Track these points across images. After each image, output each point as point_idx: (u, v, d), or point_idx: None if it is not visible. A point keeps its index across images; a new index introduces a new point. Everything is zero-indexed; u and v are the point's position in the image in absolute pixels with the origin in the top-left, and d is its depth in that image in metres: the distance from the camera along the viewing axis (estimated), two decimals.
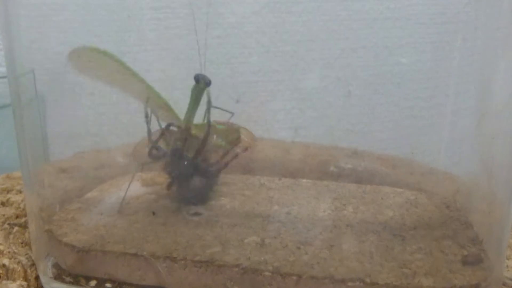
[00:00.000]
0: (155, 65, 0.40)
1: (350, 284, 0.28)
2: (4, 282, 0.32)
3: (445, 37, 0.39)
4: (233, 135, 0.37)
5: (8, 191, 0.44)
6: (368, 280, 0.29)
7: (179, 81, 0.38)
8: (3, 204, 0.42)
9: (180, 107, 0.37)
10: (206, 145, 0.36)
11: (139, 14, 0.39)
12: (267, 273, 0.29)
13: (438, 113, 0.40)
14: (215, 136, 0.37)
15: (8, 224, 0.39)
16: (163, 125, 0.37)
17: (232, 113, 0.38)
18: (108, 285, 0.32)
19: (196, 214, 0.36)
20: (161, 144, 0.37)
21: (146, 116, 0.36)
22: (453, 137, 0.39)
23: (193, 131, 0.37)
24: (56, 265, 0.33)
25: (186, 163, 0.36)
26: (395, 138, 0.43)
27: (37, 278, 0.34)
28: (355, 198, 0.38)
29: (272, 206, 0.37)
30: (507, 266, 0.35)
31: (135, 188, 0.38)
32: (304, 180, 0.42)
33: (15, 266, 0.33)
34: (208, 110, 0.36)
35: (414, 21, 0.41)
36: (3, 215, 0.40)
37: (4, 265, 0.33)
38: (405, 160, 0.43)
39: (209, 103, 0.36)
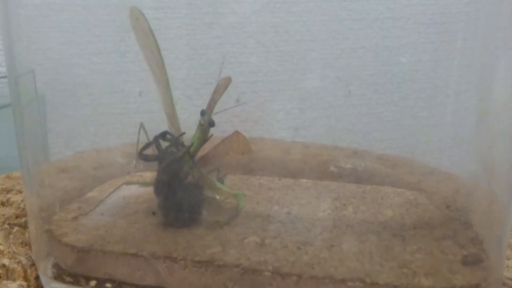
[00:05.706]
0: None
1: (350, 284, 0.28)
2: (4, 282, 0.32)
3: (445, 37, 0.39)
4: (227, 196, 0.36)
5: (8, 191, 0.44)
6: (368, 280, 0.29)
7: (179, 81, 0.38)
8: (3, 204, 0.42)
9: (180, 107, 0.37)
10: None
11: None
12: (267, 273, 0.29)
13: (438, 113, 0.40)
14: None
15: (8, 224, 0.39)
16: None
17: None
18: (108, 285, 0.31)
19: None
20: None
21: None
22: (453, 137, 0.39)
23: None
24: (56, 265, 0.33)
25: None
26: (395, 138, 0.43)
27: (37, 278, 0.34)
28: (355, 198, 0.38)
29: (272, 206, 0.37)
30: (507, 266, 0.35)
31: (134, 188, 0.38)
32: (304, 180, 0.42)
33: (15, 266, 0.33)
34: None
35: (414, 21, 0.41)
36: (3, 215, 0.40)
37: (4, 265, 0.33)
38: (405, 160, 0.43)
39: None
